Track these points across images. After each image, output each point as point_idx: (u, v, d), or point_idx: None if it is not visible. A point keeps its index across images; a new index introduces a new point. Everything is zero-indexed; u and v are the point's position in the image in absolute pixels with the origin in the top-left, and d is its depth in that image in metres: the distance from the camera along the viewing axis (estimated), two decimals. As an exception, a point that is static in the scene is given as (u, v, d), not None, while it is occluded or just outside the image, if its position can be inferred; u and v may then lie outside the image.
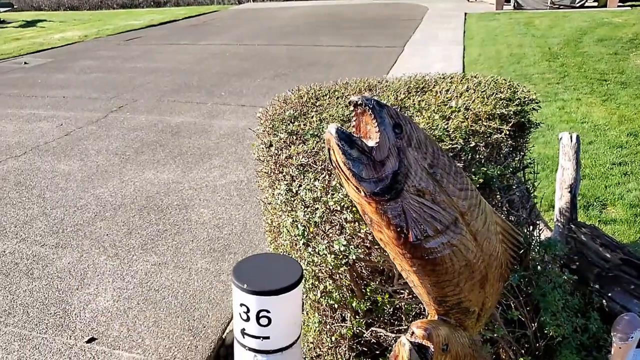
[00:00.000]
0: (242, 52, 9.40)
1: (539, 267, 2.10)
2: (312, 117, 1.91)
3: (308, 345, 2.14)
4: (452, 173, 1.10)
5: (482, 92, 2.09)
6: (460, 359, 1.19)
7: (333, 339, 1.96)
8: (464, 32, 10.51)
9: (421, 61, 8.05)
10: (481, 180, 1.63)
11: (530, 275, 2.00)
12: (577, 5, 12.95)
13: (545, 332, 1.92)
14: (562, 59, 7.38)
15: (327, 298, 1.84)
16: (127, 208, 3.62)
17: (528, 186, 2.32)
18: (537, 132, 4.56)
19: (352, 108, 1.07)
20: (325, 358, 2.10)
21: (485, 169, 1.66)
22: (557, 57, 7.51)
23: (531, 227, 2.26)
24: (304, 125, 1.83)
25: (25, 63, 8.97)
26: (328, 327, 1.96)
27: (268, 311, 1.41)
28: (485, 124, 1.85)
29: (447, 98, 2.06)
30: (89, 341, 2.39)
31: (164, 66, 8.31)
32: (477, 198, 1.14)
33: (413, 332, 1.11)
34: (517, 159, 2.02)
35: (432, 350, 1.10)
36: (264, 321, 1.42)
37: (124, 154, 4.61)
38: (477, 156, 1.72)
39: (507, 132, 1.85)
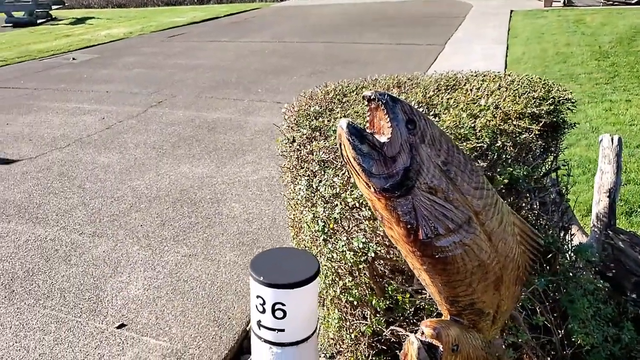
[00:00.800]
0: (281, 49, 9.47)
1: (570, 273, 2.03)
2: (337, 113, 1.91)
3: (329, 341, 2.14)
4: (467, 171, 1.08)
5: (515, 90, 2.03)
6: (472, 362, 1.16)
7: (352, 336, 1.96)
8: (509, 30, 10.24)
9: (462, 59, 7.90)
10: (506, 181, 1.59)
11: (559, 280, 1.94)
12: (633, 2, 12.38)
13: (573, 339, 1.85)
14: (613, 58, 7.08)
15: (346, 295, 1.83)
16: (162, 200, 3.72)
17: (561, 189, 2.25)
18: (579, 134, 4.43)
19: (366, 103, 1.06)
20: (346, 354, 2.10)
21: (511, 169, 1.61)
22: (607, 56, 7.21)
23: (562, 232, 2.18)
24: (327, 121, 1.83)
25: (73, 59, 9.34)
26: (348, 323, 1.96)
27: (283, 304, 1.42)
28: (515, 123, 1.80)
29: (477, 96, 2.02)
30: (119, 327, 2.47)
31: (205, 63, 8.47)
32: (493, 197, 1.11)
33: (423, 332, 1.09)
34: (548, 160, 1.96)
35: (442, 350, 1.09)
36: (279, 314, 1.43)
37: (161, 147, 4.74)
38: (504, 156, 1.67)
39: (538, 132, 1.79)
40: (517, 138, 1.73)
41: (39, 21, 15.26)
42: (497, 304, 1.20)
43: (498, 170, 1.62)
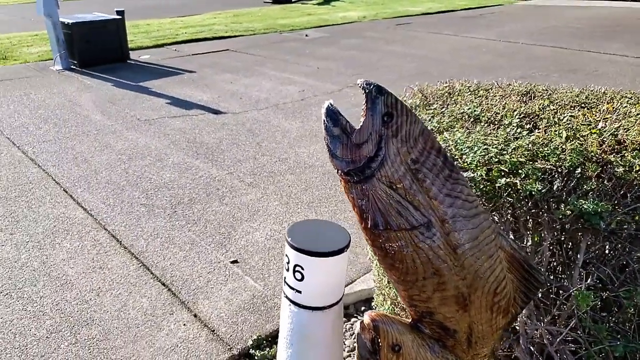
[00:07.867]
0: (501, 48, 8.99)
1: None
2: (434, 109, 1.89)
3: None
4: (442, 176, 1.04)
5: (657, 119, 1.70)
6: (422, 372, 1.14)
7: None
8: None
9: None
10: (569, 212, 1.40)
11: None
12: None
13: None
14: None
15: (392, 288, 1.85)
16: (315, 169, 4.07)
17: None
18: None
19: (361, 91, 1.11)
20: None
21: (582, 202, 1.40)
22: None
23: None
24: (418, 114, 1.83)
25: (306, 35, 10.43)
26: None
27: (302, 268, 1.55)
28: (627, 154, 1.54)
29: (602, 118, 1.76)
30: (233, 262, 2.89)
31: (416, 53, 8.59)
32: (470, 210, 1.05)
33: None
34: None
35: (380, 343, 1.10)
36: (298, 276, 1.57)
37: (338, 124, 5.09)
38: (585, 187, 1.45)
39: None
40: (615, 171, 1.48)
41: (293, 0, 17.28)
42: (467, 325, 1.13)
43: (569, 199, 1.43)
